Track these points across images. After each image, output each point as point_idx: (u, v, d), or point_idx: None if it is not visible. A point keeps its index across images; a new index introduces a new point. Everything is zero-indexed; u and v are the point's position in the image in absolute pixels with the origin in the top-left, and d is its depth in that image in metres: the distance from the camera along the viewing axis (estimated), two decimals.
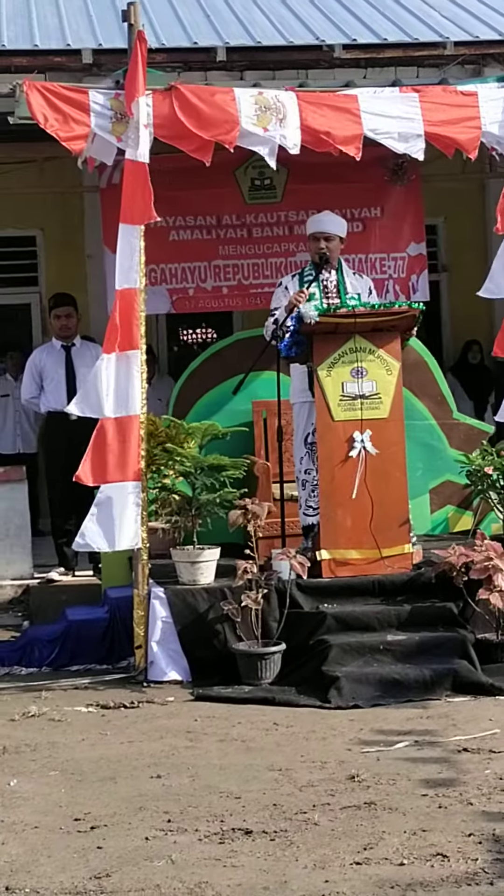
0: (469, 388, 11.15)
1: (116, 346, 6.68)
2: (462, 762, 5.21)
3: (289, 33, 10.25)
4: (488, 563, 6.57)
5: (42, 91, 6.71)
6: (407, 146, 7.12)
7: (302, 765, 5.27)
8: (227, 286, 9.19)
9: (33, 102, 6.63)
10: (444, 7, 11.23)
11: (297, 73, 10.13)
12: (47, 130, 6.68)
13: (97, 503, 6.81)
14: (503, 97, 7.23)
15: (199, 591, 6.82)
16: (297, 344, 7.00)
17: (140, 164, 6.72)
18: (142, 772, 5.25)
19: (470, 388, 11.15)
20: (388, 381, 7.02)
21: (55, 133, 6.67)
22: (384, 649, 6.51)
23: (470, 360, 11.31)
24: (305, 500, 7.29)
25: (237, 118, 6.83)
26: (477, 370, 11.27)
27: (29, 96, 6.65)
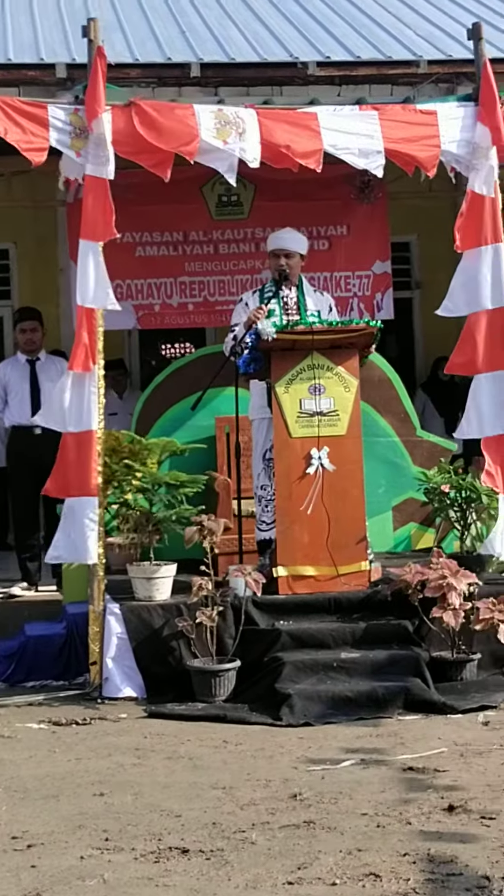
0: (440, 404, 11.16)
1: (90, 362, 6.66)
2: (406, 781, 5.19)
3: (263, 50, 10.29)
4: (442, 581, 6.57)
5: (1, 106, 6.70)
6: (367, 162, 7.13)
7: (246, 783, 5.25)
8: (192, 302, 9.21)
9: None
10: (419, 26, 11.29)
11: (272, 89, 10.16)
12: (8, 141, 6.67)
13: (64, 516, 6.87)
14: (462, 116, 7.25)
15: (154, 608, 6.81)
16: (255, 360, 7.01)
17: (101, 181, 6.73)
18: (85, 790, 5.22)
19: (441, 405, 11.16)
20: (346, 399, 7.02)
21: (17, 144, 6.66)
22: (338, 667, 6.50)
23: (440, 377, 11.33)
24: (259, 516, 7.29)
25: (197, 131, 6.84)
26: (447, 387, 11.28)
27: None
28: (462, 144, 7.22)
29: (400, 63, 10.16)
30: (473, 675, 6.69)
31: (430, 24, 11.32)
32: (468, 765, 5.39)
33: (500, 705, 6.34)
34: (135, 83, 9.77)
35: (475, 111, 7.28)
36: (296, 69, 10.02)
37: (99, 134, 6.71)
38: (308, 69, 9.92)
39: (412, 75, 10.07)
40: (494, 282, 7.20)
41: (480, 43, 7.40)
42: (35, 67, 9.45)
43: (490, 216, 7.24)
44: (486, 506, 7.20)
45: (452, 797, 4.93)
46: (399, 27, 11.19)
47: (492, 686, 6.59)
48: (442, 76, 10.08)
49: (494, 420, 7.12)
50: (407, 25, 11.25)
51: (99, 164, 6.73)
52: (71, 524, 6.75)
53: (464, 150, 7.25)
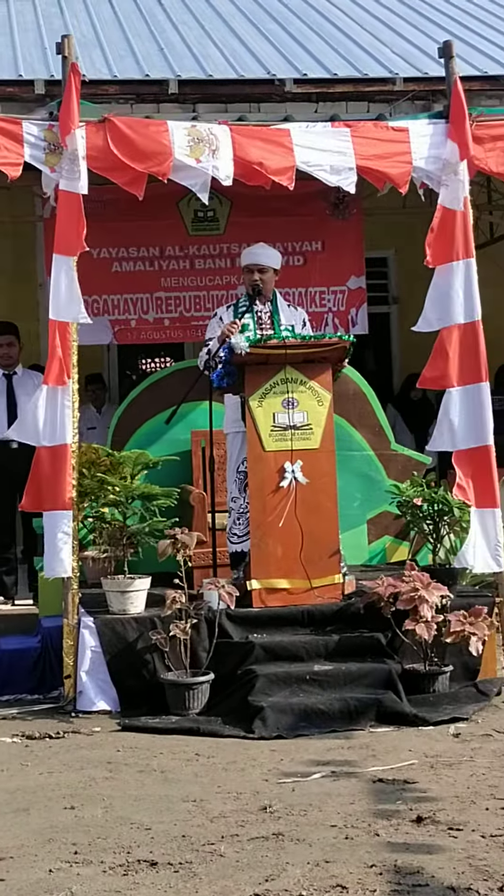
0: (410, 420, 11.20)
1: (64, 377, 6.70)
2: (375, 793, 5.22)
3: (241, 67, 10.36)
4: (414, 594, 6.61)
5: None
6: (339, 179, 7.19)
7: (217, 796, 5.27)
8: (168, 317, 9.25)
9: None
10: (395, 44, 11.38)
11: (249, 106, 10.23)
12: None
13: (45, 530, 6.90)
14: (433, 133, 7.31)
15: (128, 621, 6.82)
16: (229, 374, 7.05)
17: (74, 195, 6.77)
18: (56, 803, 5.23)
19: (411, 421, 11.20)
20: (319, 412, 7.07)
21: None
22: (311, 679, 6.52)
23: (411, 397, 11.35)
24: (230, 528, 7.33)
25: (170, 149, 6.88)
26: (419, 403, 11.32)
27: None
28: (432, 161, 7.28)
29: (376, 80, 10.25)
30: (445, 687, 6.72)
31: (406, 42, 11.41)
32: (438, 776, 5.43)
33: (472, 717, 6.38)
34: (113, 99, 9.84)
35: (445, 128, 7.34)
36: (273, 86, 10.09)
37: (72, 150, 6.75)
38: (285, 86, 10.00)
39: (388, 92, 10.16)
40: (466, 296, 7.26)
41: (451, 61, 7.47)
42: (13, 84, 9.50)
43: (461, 231, 7.30)
44: (459, 518, 7.25)
45: (421, 809, 4.96)
46: (376, 45, 11.28)
47: (463, 698, 6.63)
48: (418, 93, 10.16)
49: (466, 433, 7.16)
50: (383, 43, 11.35)
51: (72, 180, 6.76)
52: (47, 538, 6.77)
53: (434, 167, 7.31)
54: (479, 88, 10.34)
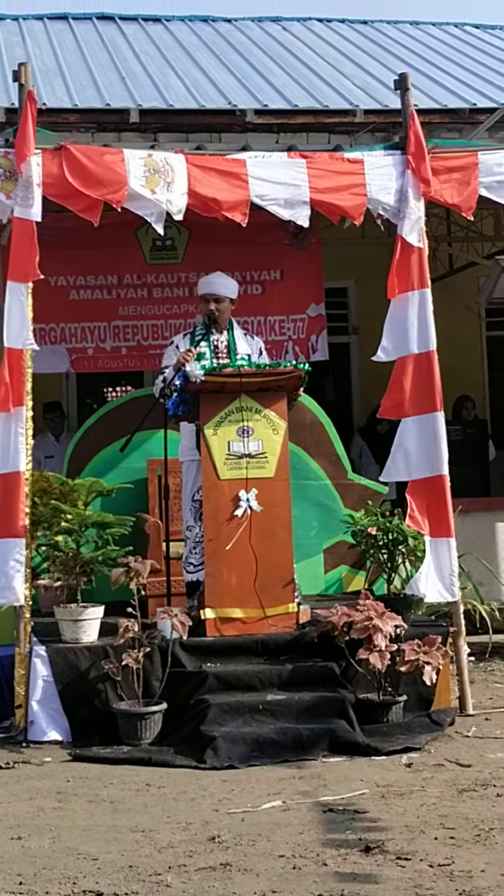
0: (377, 451, 11.21)
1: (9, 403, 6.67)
2: (325, 822, 5.20)
3: (202, 97, 10.43)
4: (368, 623, 6.60)
5: None
6: (293, 213, 7.21)
7: (166, 826, 5.23)
8: (126, 346, 9.26)
9: None
10: (357, 76, 11.50)
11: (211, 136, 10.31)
12: None
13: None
14: (389, 164, 7.36)
15: (81, 650, 6.77)
16: (184, 402, 7.04)
17: (27, 222, 6.76)
18: (3, 833, 5.17)
19: (378, 452, 11.21)
20: (274, 441, 7.07)
21: None
22: (263, 709, 6.49)
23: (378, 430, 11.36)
24: (186, 557, 7.31)
25: (125, 178, 6.89)
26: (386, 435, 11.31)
27: None
28: (390, 192, 7.31)
29: (337, 112, 10.37)
30: (399, 716, 6.70)
31: (367, 74, 11.55)
32: (388, 806, 5.41)
33: (424, 747, 6.37)
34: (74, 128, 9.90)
35: (403, 160, 7.39)
36: (234, 116, 10.18)
37: (27, 177, 6.75)
38: (246, 116, 10.09)
39: (349, 124, 10.27)
40: (421, 326, 7.29)
41: (407, 93, 7.53)
42: None
43: (416, 263, 7.34)
44: (413, 548, 7.25)
45: (370, 838, 4.93)
46: (337, 77, 11.41)
47: (416, 728, 6.61)
48: (378, 125, 10.27)
49: (421, 463, 7.18)
50: (345, 75, 11.47)
51: (26, 207, 6.76)
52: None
53: (392, 199, 7.34)
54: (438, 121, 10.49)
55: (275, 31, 13.31)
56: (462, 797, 5.51)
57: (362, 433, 11.43)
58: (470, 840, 4.90)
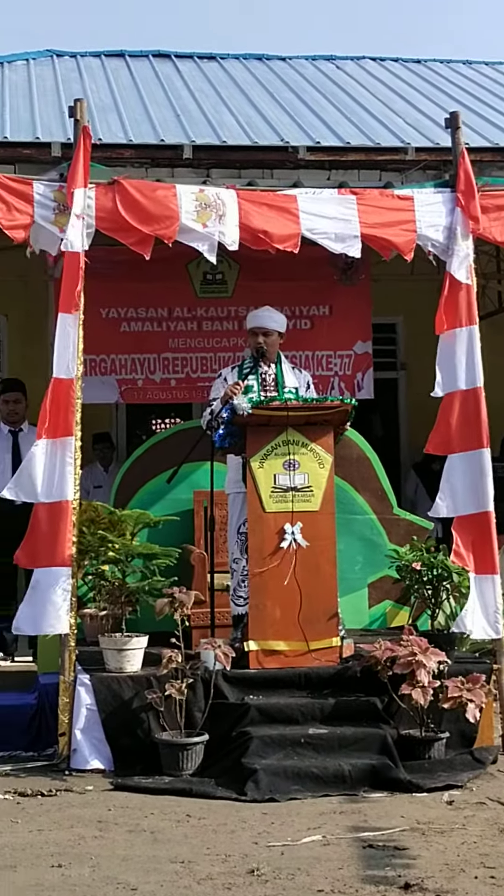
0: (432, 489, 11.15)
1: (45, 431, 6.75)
2: (365, 858, 5.18)
3: (255, 134, 10.53)
4: (412, 658, 6.59)
5: None
6: (344, 246, 7.28)
7: (206, 857, 5.23)
8: (175, 378, 9.33)
9: None
10: (408, 114, 11.56)
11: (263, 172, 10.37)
12: None
13: (31, 587, 6.91)
14: (439, 201, 7.40)
15: (124, 679, 6.80)
16: (231, 435, 7.09)
17: (75, 255, 6.86)
18: (44, 861, 5.21)
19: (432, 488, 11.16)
20: (320, 475, 7.09)
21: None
22: (305, 743, 6.49)
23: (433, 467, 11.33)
24: (234, 590, 7.33)
25: (177, 213, 6.99)
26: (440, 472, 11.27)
27: None
28: (439, 229, 7.37)
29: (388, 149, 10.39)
30: (441, 753, 6.67)
31: (419, 112, 11.59)
32: (428, 843, 5.38)
33: (466, 785, 6.33)
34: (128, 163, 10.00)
35: (453, 197, 7.43)
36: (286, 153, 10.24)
37: (76, 210, 6.85)
38: (298, 153, 10.14)
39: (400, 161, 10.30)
40: (468, 363, 7.31)
41: (458, 131, 7.59)
42: (31, 146, 9.66)
43: (465, 300, 7.37)
44: (458, 584, 7.23)
45: (410, 875, 4.92)
46: (389, 115, 11.46)
47: (458, 765, 6.58)
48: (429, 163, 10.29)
49: (466, 499, 7.18)
50: (396, 113, 11.52)
51: (76, 240, 6.86)
52: (35, 595, 6.76)
53: (441, 235, 7.39)
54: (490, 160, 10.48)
55: (328, 70, 13.41)
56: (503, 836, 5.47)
57: (417, 469, 11.40)
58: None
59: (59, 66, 12.55)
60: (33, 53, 12.84)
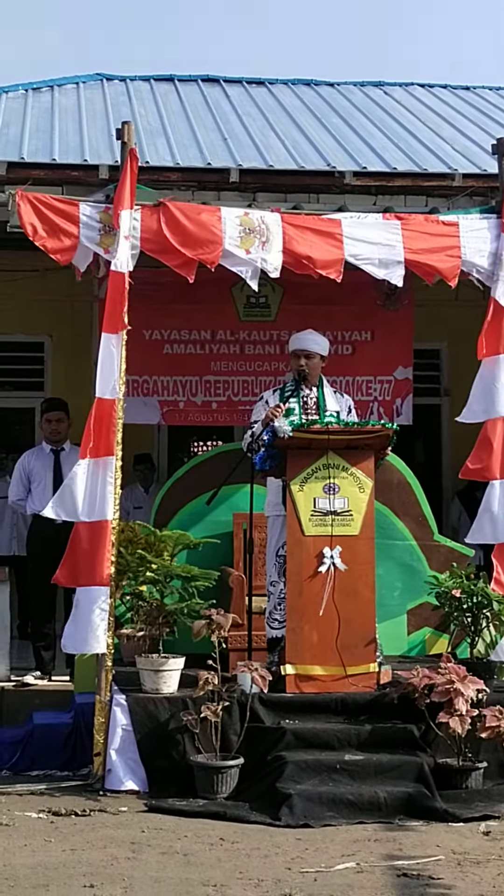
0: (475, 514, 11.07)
1: (89, 451, 6.79)
2: (399, 887, 5.13)
3: (301, 158, 10.55)
4: (450, 686, 6.54)
5: (33, 202, 6.95)
6: (387, 272, 7.28)
7: (238, 881, 5.21)
8: (216, 401, 9.35)
9: (23, 213, 6.88)
10: (455, 140, 11.54)
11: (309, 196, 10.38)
12: (35, 242, 6.90)
13: (75, 605, 6.94)
14: (485, 227, 7.40)
15: (160, 700, 6.80)
16: (272, 457, 7.09)
17: (120, 275, 6.90)
18: (76, 881, 5.20)
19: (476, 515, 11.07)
20: (360, 499, 7.07)
21: (42, 244, 6.90)
22: (341, 769, 6.45)
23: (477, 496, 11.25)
24: (270, 613, 7.31)
25: (221, 238, 7.02)
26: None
27: (20, 207, 6.88)
28: (484, 255, 7.37)
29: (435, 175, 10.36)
30: (479, 783, 6.61)
31: (466, 138, 11.57)
32: (464, 873, 5.32)
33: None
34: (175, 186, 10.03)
35: (498, 223, 7.43)
36: (333, 178, 10.24)
37: (122, 231, 6.89)
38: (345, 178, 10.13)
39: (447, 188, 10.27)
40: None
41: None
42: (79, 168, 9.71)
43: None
44: (498, 612, 7.17)
45: None
46: (436, 140, 11.45)
47: (496, 796, 6.50)
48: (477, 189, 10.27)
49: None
50: (444, 139, 11.51)
51: (121, 260, 6.90)
52: (78, 614, 6.80)
53: (486, 261, 7.40)
54: None
55: (376, 96, 13.43)
56: None
57: (461, 496, 11.33)
58: None
59: (108, 89, 12.65)
60: (83, 77, 12.95)
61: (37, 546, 8.57)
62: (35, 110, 11.33)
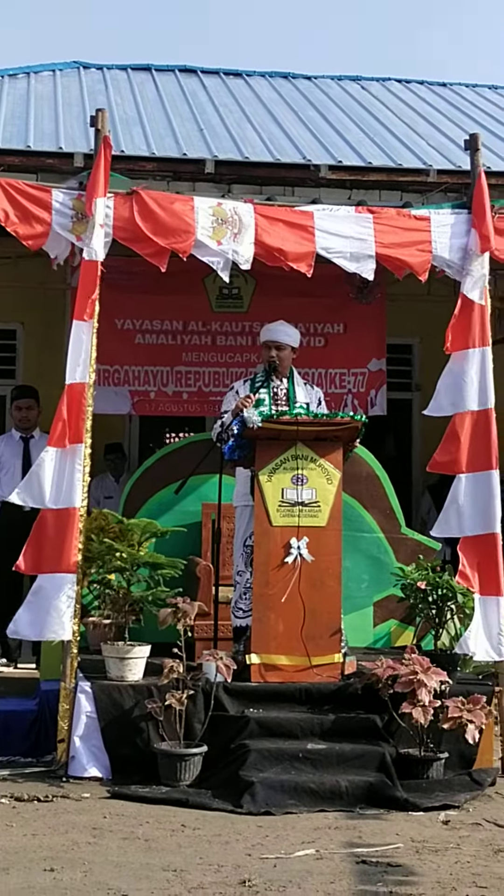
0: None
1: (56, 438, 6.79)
2: (357, 874, 5.17)
3: (277, 151, 10.56)
4: (413, 677, 6.58)
5: (5, 187, 6.92)
6: (358, 266, 7.30)
7: (198, 867, 5.23)
8: (187, 392, 9.38)
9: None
10: (431, 136, 11.58)
11: (284, 189, 10.40)
12: (6, 227, 6.89)
13: (32, 592, 6.93)
14: (456, 223, 7.45)
15: (125, 688, 6.81)
16: (241, 448, 7.11)
17: (93, 263, 6.90)
18: (37, 864, 5.21)
19: None
20: (328, 490, 7.10)
21: (14, 230, 6.89)
22: (303, 757, 6.48)
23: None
24: (235, 602, 7.34)
25: (193, 228, 7.03)
26: None
27: None
28: (454, 250, 7.40)
29: (410, 171, 10.39)
30: (440, 773, 6.65)
31: (442, 135, 11.62)
32: (422, 861, 5.37)
33: (463, 805, 6.32)
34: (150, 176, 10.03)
35: (468, 218, 7.46)
36: (308, 171, 10.26)
37: (94, 218, 6.89)
38: (320, 172, 10.15)
39: (422, 183, 10.30)
40: (480, 384, 7.32)
41: (477, 153, 7.63)
42: (53, 156, 9.69)
43: (478, 321, 7.38)
44: (462, 605, 7.22)
45: (400, 892, 4.91)
46: (412, 136, 11.49)
47: (457, 786, 6.56)
48: (451, 185, 10.29)
49: (473, 520, 7.18)
50: (420, 135, 11.55)
51: (97, 248, 6.90)
52: (37, 601, 6.77)
53: (456, 256, 7.42)
54: None
55: (353, 90, 13.46)
56: (497, 857, 5.45)
57: (432, 491, 11.39)
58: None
59: (85, 77, 12.64)
60: (60, 65, 12.94)
61: (5, 532, 8.53)
62: (10, 97, 11.30)
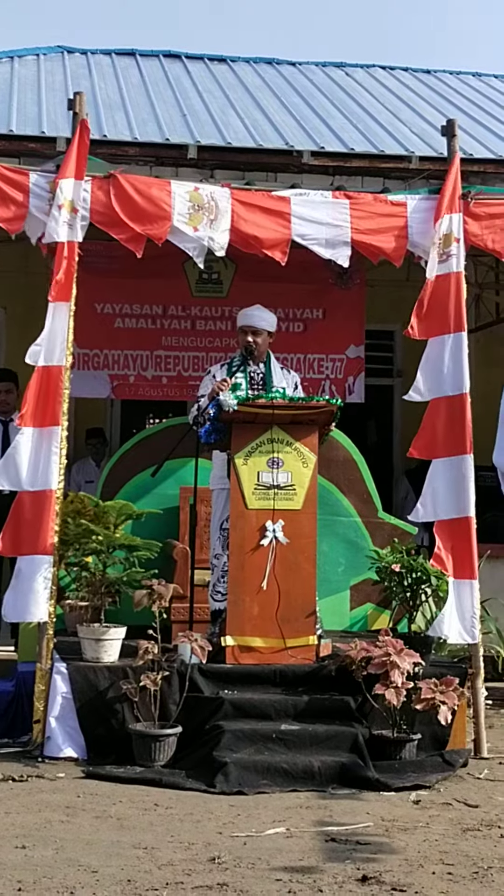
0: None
1: (31, 419, 6.81)
2: (326, 851, 5.23)
3: (260, 136, 10.59)
4: (386, 659, 6.64)
5: None
6: (333, 252, 7.33)
7: (168, 844, 5.28)
8: (167, 376, 9.41)
9: None
10: (413, 122, 11.62)
11: (267, 175, 10.43)
12: None
13: (15, 575, 6.96)
14: (432, 208, 7.46)
15: (101, 669, 6.85)
16: (217, 431, 7.14)
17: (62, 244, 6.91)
18: (9, 842, 5.25)
19: None
20: (303, 474, 7.14)
21: None
22: (277, 738, 6.53)
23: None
24: (213, 586, 7.38)
25: (170, 214, 7.05)
26: None
27: None
28: (429, 235, 7.42)
29: (392, 157, 10.44)
30: (412, 754, 6.72)
31: (425, 122, 11.65)
32: (391, 839, 5.43)
33: (434, 786, 6.38)
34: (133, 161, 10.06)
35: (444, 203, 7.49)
36: (290, 157, 10.30)
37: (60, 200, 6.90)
38: (302, 157, 10.19)
39: (404, 170, 10.35)
40: (455, 369, 7.36)
41: (454, 139, 7.65)
42: (36, 140, 9.73)
43: (454, 306, 7.42)
44: (437, 588, 7.27)
45: (368, 868, 4.96)
46: (395, 123, 11.52)
47: (428, 767, 6.62)
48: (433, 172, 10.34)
49: (448, 504, 7.23)
50: (402, 122, 11.59)
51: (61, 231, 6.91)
52: (21, 583, 6.83)
53: (429, 241, 7.44)
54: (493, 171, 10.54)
55: (337, 76, 13.48)
56: (465, 836, 5.52)
57: (409, 476, 11.45)
58: (468, 877, 4.91)
59: (68, 62, 12.64)
60: (44, 49, 12.93)
61: None
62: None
